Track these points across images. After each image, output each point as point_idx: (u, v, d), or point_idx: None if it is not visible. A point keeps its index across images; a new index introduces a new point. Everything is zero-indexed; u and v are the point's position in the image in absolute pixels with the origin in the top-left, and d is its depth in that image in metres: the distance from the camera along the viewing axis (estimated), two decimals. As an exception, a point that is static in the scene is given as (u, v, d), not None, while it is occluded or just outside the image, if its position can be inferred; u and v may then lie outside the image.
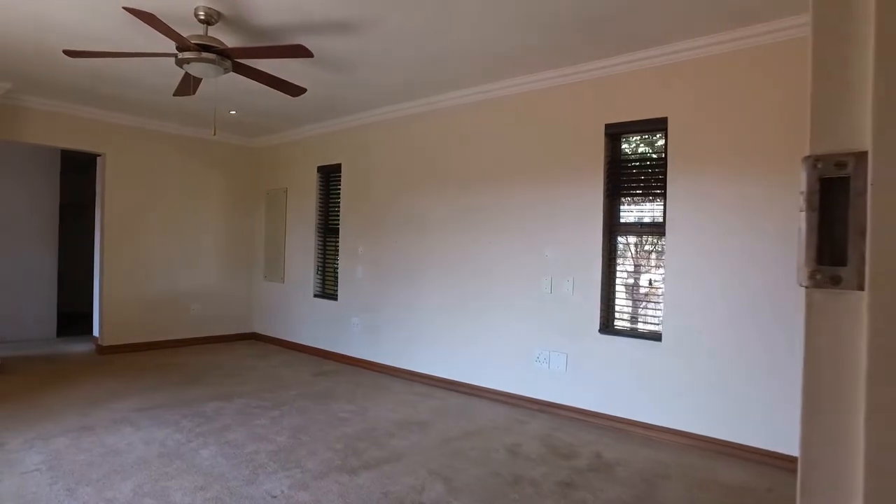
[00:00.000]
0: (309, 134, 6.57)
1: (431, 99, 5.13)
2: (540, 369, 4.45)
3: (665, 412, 3.79)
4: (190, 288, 6.84)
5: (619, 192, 4.17)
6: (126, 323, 6.31)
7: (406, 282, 5.46)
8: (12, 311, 6.60)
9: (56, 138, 5.82)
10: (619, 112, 4.05)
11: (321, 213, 6.53)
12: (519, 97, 4.62)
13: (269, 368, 5.72)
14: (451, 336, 5.06)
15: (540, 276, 4.46)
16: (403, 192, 5.51)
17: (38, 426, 3.77)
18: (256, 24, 3.52)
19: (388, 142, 5.69)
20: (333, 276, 6.36)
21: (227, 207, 7.19)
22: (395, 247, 5.57)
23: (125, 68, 4.49)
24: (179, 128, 6.63)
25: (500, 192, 4.74)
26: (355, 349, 5.95)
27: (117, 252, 6.25)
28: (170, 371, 5.47)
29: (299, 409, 4.29)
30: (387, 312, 5.63)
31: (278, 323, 7.01)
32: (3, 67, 4.66)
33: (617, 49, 3.85)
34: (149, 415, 4.05)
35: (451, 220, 5.08)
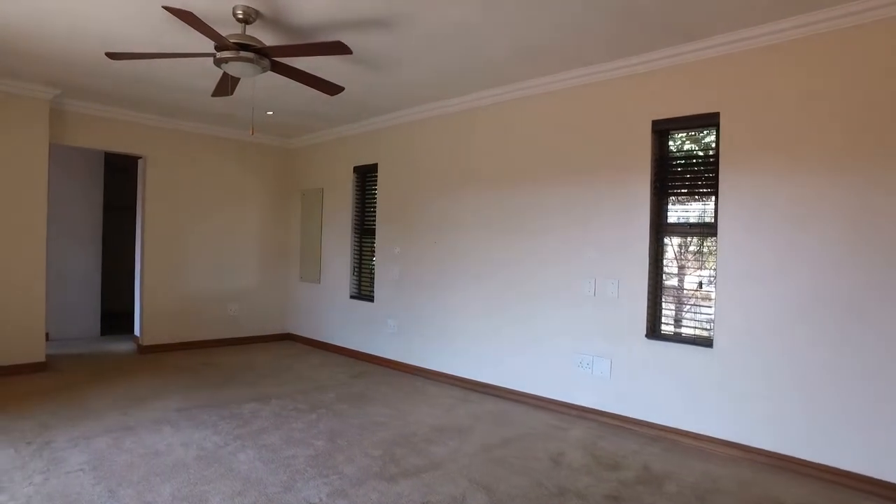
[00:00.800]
0: (345, 134, 6.54)
1: (470, 97, 5.02)
2: (582, 374, 4.30)
3: (716, 422, 3.60)
4: (227, 288, 6.89)
5: (667, 190, 3.99)
6: (165, 323, 6.38)
7: (443, 283, 5.37)
8: (59, 310, 6.75)
9: (99, 141, 5.92)
10: (668, 107, 3.88)
11: (357, 213, 6.49)
12: (561, 93, 4.47)
13: (304, 369, 5.70)
14: (489, 339, 4.95)
15: (582, 278, 4.31)
16: (441, 192, 5.42)
17: (82, 424, 3.80)
18: (294, 22, 3.47)
19: (424, 141, 5.60)
20: (369, 277, 6.32)
21: (263, 208, 7.23)
22: (432, 247, 5.49)
23: (164, 71, 4.51)
24: (217, 129, 6.68)
25: (541, 191, 4.60)
26: (391, 351, 5.88)
27: (157, 253, 6.33)
28: (207, 371, 5.49)
29: (336, 413, 4.23)
30: (423, 314, 5.55)
31: (314, 323, 7.01)
32: (53, 74, 4.75)
33: (665, 41, 3.68)
34: (187, 415, 4.06)
35: (491, 221, 4.97)
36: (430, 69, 4.34)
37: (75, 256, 6.91)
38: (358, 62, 4.18)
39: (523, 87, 4.63)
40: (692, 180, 3.95)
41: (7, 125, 5.08)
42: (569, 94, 4.43)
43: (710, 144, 3.86)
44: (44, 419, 3.91)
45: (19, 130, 5.14)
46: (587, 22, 3.39)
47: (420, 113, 5.53)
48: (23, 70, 4.67)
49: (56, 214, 6.69)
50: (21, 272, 5.19)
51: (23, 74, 4.81)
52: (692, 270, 3.93)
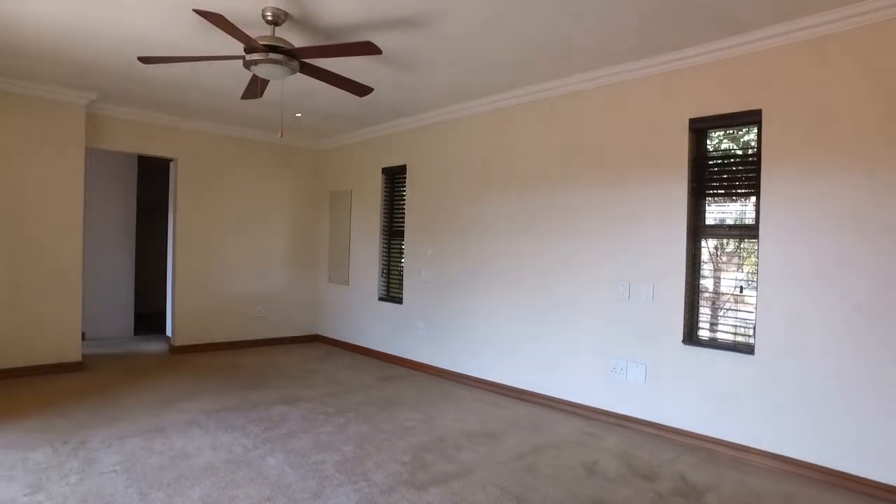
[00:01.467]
0: (373, 135, 6.52)
1: (501, 96, 4.95)
2: (616, 380, 4.19)
3: (757, 433, 3.46)
4: (256, 290, 6.94)
5: (704, 191, 3.85)
6: (196, 324, 6.45)
7: (473, 286, 5.30)
8: (94, 310, 6.89)
9: (132, 145, 6.01)
10: (705, 105, 3.74)
11: (386, 215, 6.47)
12: (595, 92, 4.37)
13: (332, 372, 5.70)
14: (520, 343, 4.86)
15: (617, 282, 4.19)
16: (471, 193, 5.35)
17: (116, 425, 3.85)
18: (323, 23, 3.44)
19: (455, 142, 5.55)
20: (398, 279, 6.28)
21: (292, 209, 7.26)
22: (461, 250, 5.43)
23: (195, 75, 4.55)
24: (247, 131, 6.73)
25: (574, 193, 4.50)
26: (420, 354, 5.84)
27: (187, 254, 6.40)
28: (236, 372, 5.53)
29: (364, 416, 4.20)
30: (452, 317, 5.49)
31: (342, 325, 7.01)
32: (89, 79, 4.83)
33: (705, 36, 3.55)
34: (216, 418, 4.07)
35: (522, 223, 4.88)
36: (461, 68, 4.28)
37: (110, 258, 7.04)
38: (387, 62, 4.14)
39: (555, 85, 4.53)
40: (731, 180, 3.80)
41: (45, 130, 5.19)
42: (602, 93, 4.32)
43: (750, 143, 3.71)
44: (80, 419, 3.97)
45: (57, 135, 5.25)
46: (621, 18, 3.29)
47: (450, 113, 5.47)
48: (60, 76, 4.75)
49: (92, 217, 6.82)
50: (58, 274, 5.29)
51: (60, 80, 4.90)
52: (731, 274, 3.79)
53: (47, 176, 5.21)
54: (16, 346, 5.09)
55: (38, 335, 5.20)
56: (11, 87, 4.97)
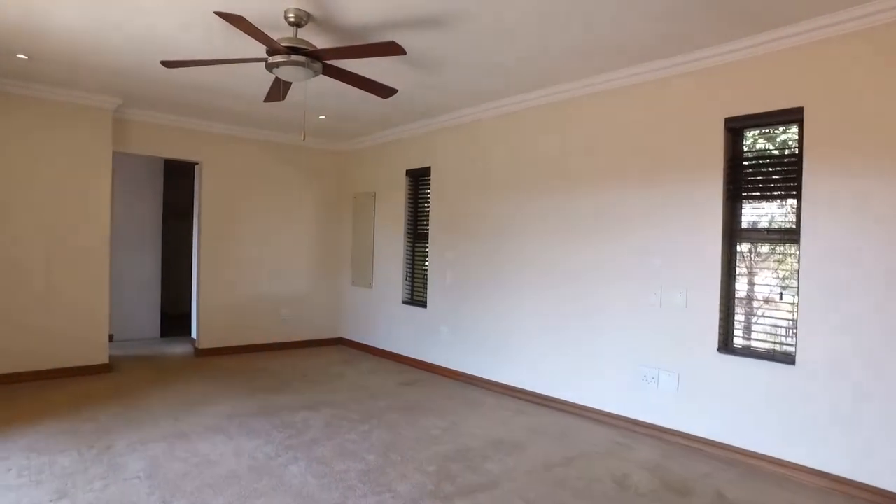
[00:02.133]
0: (397, 137, 6.46)
1: (527, 96, 4.84)
2: (647, 389, 4.05)
3: (799, 447, 3.29)
4: (280, 293, 6.93)
5: (740, 193, 3.70)
6: (221, 327, 6.47)
7: (498, 289, 5.20)
8: (122, 312, 6.95)
9: (158, 148, 6.05)
10: (743, 104, 3.59)
11: (410, 217, 6.40)
12: (625, 91, 4.23)
13: (356, 376, 5.64)
14: (547, 348, 4.74)
15: (648, 287, 4.06)
16: (498, 196, 5.25)
17: (140, 429, 3.84)
18: (346, 24, 3.38)
19: (479, 143, 5.45)
20: (422, 283, 6.21)
21: (315, 212, 7.24)
22: (487, 253, 5.33)
23: (219, 78, 4.53)
24: (270, 134, 6.72)
25: (602, 195, 4.37)
26: (444, 358, 5.76)
27: (212, 257, 6.42)
28: (260, 376, 5.51)
29: (388, 424, 4.13)
30: (478, 321, 5.40)
31: (365, 329, 6.96)
32: (116, 84, 4.85)
33: (742, 31, 3.39)
34: (239, 423, 4.04)
35: (549, 226, 4.76)
36: (486, 68, 4.18)
37: (137, 260, 7.11)
38: (411, 63, 4.07)
39: (583, 85, 4.41)
40: (769, 182, 3.64)
41: (73, 135, 5.24)
42: (633, 92, 4.18)
43: (786, 142, 3.54)
44: (106, 422, 3.98)
45: (84, 140, 5.29)
46: (655, 14, 3.16)
47: (475, 114, 5.38)
48: (88, 82, 4.79)
49: (119, 220, 6.89)
50: (87, 277, 5.34)
51: (88, 86, 4.93)
52: (769, 280, 3.63)
53: (76, 180, 5.26)
54: (46, 348, 5.14)
55: (67, 338, 5.25)
56: (40, 93, 5.02)
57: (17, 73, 4.63)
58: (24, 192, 5.03)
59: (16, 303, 5.01)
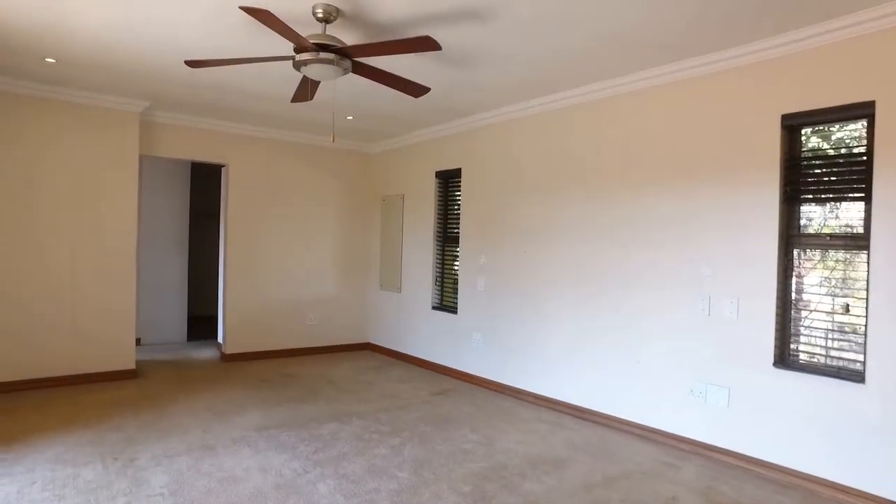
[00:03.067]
0: (426, 138, 6.29)
1: (565, 94, 4.62)
2: (694, 404, 3.80)
3: (871, 474, 3.01)
4: (307, 297, 6.82)
5: (799, 196, 3.42)
6: (247, 331, 6.38)
7: (533, 296, 4.98)
8: (149, 316, 6.94)
9: (185, 151, 5.97)
10: (802, 99, 3.32)
11: (440, 220, 6.22)
12: (670, 87, 3.99)
13: (385, 384, 5.48)
14: (586, 359, 4.52)
15: (695, 295, 3.80)
16: (531, 199, 5.04)
17: (165, 440, 3.74)
18: (377, 19, 3.21)
19: (513, 143, 5.24)
20: (452, 288, 6.03)
21: (343, 215, 7.11)
22: (521, 257, 5.12)
23: (245, 79, 4.42)
24: (297, 135, 6.61)
25: (644, 198, 4.13)
26: (476, 367, 5.56)
27: (238, 261, 6.33)
28: (287, 384, 5.38)
29: (420, 437, 3.95)
30: (512, 329, 5.19)
31: (394, 334, 6.80)
32: (141, 87, 4.78)
33: (802, 19, 3.13)
34: (266, 435, 3.90)
35: (588, 231, 4.54)
36: (523, 64, 3.98)
37: (164, 263, 7.07)
38: (444, 60, 3.89)
39: (624, 82, 4.18)
40: (831, 183, 3.36)
41: (101, 139, 5.18)
42: (679, 89, 3.94)
43: (850, 140, 3.26)
44: (131, 432, 3.89)
45: (112, 143, 5.24)
46: (708, 6, 2.92)
47: (509, 113, 5.17)
48: (114, 84, 4.72)
49: (146, 222, 6.87)
50: (114, 282, 5.28)
51: (115, 89, 4.87)
52: (833, 289, 3.35)
53: (103, 184, 5.21)
54: (74, 354, 5.10)
55: (94, 343, 5.20)
56: (68, 96, 4.98)
57: (47, 77, 4.58)
58: (52, 195, 4.99)
59: (44, 308, 4.97)
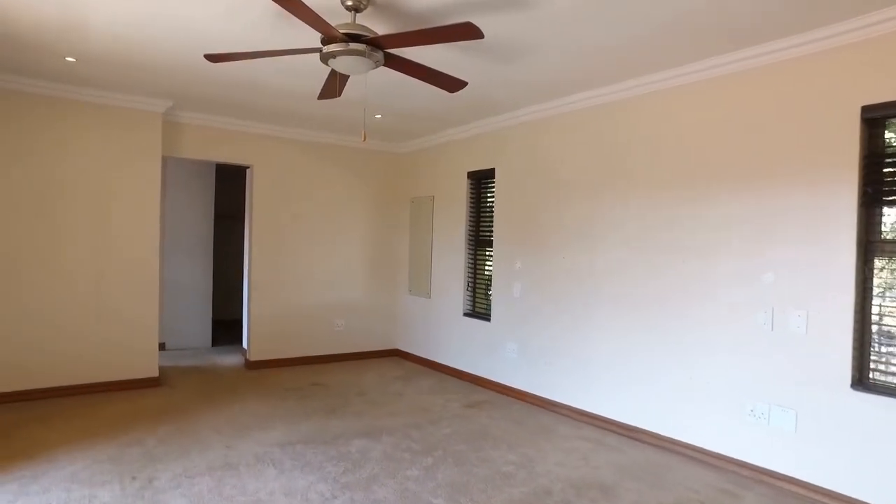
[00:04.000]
0: (458, 136, 6.01)
1: (612, 88, 4.30)
2: (755, 426, 3.46)
3: (968, 511, 2.66)
4: (333, 302, 6.60)
5: (881, 197, 3.06)
6: (272, 338, 6.18)
7: (574, 304, 4.67)
8: (174, 320, 6.81)
9: (209, 152, 5.80)
10: (885, 89, 2.96)
11: (472, 223, 5.94)
12: (730, 79, 3.65)
13: (416, 395, 5.23)
14: (631, 371, 4.20)
15: (755, 307, 3.46)
16: (571, 200, 4.73)
17: (186, 457, 3.54)
18: (410, 7, 2.95)
19: (551, 142, 4.94)
20: (485, 294, 5.75)
21: (370, 217, 6.88)
22: (560, 263, 4.81)
23: (270, 76, 4.20)
24: (323, 136, 6.40)
25: (700, 199, 3.80)
26: (511, 377, 5.27)
27: (263, 264, 6.15)
28: (314, 394, 5.16)
29: (454, 457, 3.68)
30: (549, 338, 4.89)
31: (424, 341, 6.55)
32: (163, 85, 4.62)
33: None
34: (292, 453, 3.68)
35: (633, 233, 4.22)
36: (566, 57, 3.68)
37: (189, 267, 6.94)
38: (479, 53, 3.61)
39: (679, 73, 3.85)
40: (918, 183, 2.99)
41: (122, 140, 5.03)
42: (740, 80, 3.60)
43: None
44: (151, 447, 3.71)
45: (135, 144, 5.09)
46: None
47: (548, 110, 4.87)
48: (136, 83, 4.55)
49: (170, 225, 6.74)
50: (136, 287, 5.13)
51: (137, 88, 4.70)
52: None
53: (125, 187, 5.06)
54: (96, 361, 4.96)
55: (116, 350, 5.05)
56: (89, 97, 4.84)
57: (68, 77, 4.44)
58: (73, 198, 4.86)
59: (65, 314, 4.84)
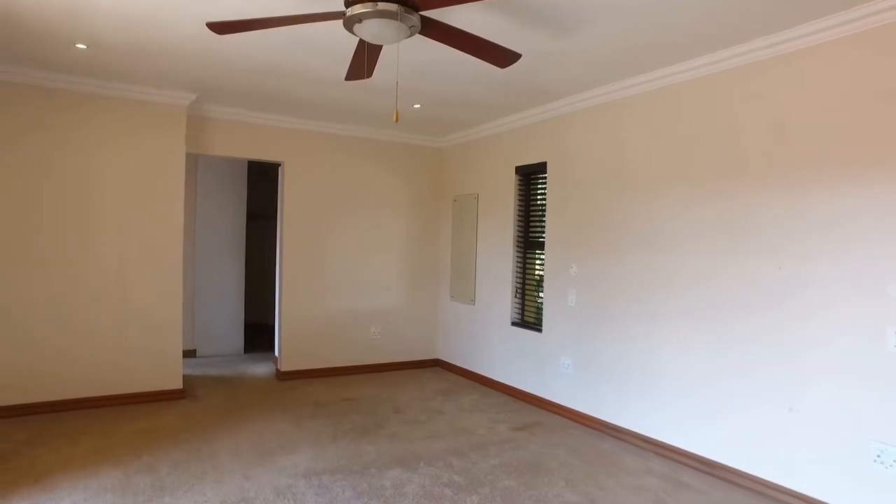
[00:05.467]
0: (505, 128, 5.46)
1: (689, 64, 3.68)
2: (883, 475, 2.79)
3: None
4: (370, 308, 6.14)
5: None
6: (304, 347, 5.76)
7: (642, 316, 4.05)
8: (206, 325, 6.53)
9: (238, 149, 5.42)
10: None
11: (520, 222, 5.38)
12: (830, 47, 2.98)
13: (458, 413, 4.70)
14: (713, 397, 3.56)
15: (877, 324, 2.79)
16: (639, 197, 4.11)
17: (198, 489, 3.13)
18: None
19: (613, 130, 4.34)
20: (535, 302, 5.18)
21: (409, 217, 6.39)
22: (623, 267, 4.20)
23: (296, 60, 3.75)
24: (358, 130, 5.94)
25: (800, 195, 3.14)
26: (565, 397, 4.68)
27: (296, 267, 5.73)
28: (346, 411, 4.70)
29: (504, 496, 3.14)
30: (611, 353, 4.28)
31: (467, 351, 6.02)
32: (185, 74, 4.24)
33: None
34: (317, 486, 3.20)
35: (717, 235, 3.58)
36: (638, 25, 3.08)
37: (221, 270, 6.62)
38: (532, 22, 3.05)
39: (779, 41, 3.20)
40: None
41: (144, 136, 4.69)
42: (844, 48, 2.93)
43: None
44: (162, 475, 3.30)
45: (156, 141, 4.74)
46: None
47: (611, 93, 4.27)
48: (154, 73, 4.16)
49: (201, 226, 6.43)
50: (159, 294, 4.78)
51: (155, 79, 4.33)
52: None
53: (148, 186, 4.71)
54: (115, 371, 4.63)
55: (137, 360, 4.71)
56: (105, 90, 4.50)
57: (83, 68, 4.09)
58: (92, 198, 4.53)
59: (80, 322, 4.51)
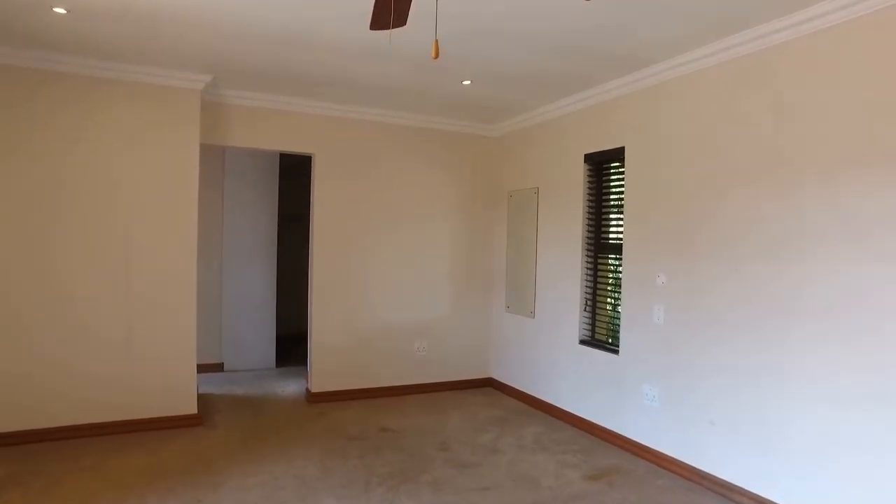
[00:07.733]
0: (570, 109, 4.61)
1: (815, 10, 2.76)
2: None
3: None
4: (412, 320, 5.38)
5: None
6: (338, 364, 5.06)
7: (757, 340, 3.12)
8: (235, 336, 6.01)
9: (262, 139, 4.78)
10: None
11: (591, 221, 4.50)
12: None
13: (517, 453, 3.87)
14: (864, 453, 2.61)
15: None
16: (750, 188, 3.18)
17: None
18: None
19: (707, 105, 3.44)
20: (610, 316, 4.31)
21: (459, 216, 5.59)
22: (726, 276, 3.29)
23: (314, 24, 3.03)
24: (398, 116, 5.20)
25: None
26: (650, 436, 3.79)
27: (329, 276, 5.04)
28: (383, 446, 3.94)
29: (585, 592, 2.31)
30: (712, 385, 3.37)
31: (525, 373, 5.17)
32: (202, 57, 3.64)
33: None
34: (338, 566, 2.45)
35: (866, 238, 2.63)
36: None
37: (250, 276, 6.05)
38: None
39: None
40: None
41: (151, 124, 4.10)
42: None
43: None
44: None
45: (165, 128, 4.14)
46: None
47: (710, 56, 3.37)
48: (157, 49, 3.54)
49: (229, 228, 5.88)
50: (170, 309, 4.17)
51: (161, 57, 3.73)
52: None
53: (158, 182, 4.11)
54: (120, 392, 4.04)
55: (145, 379, 4.11)
56: (104, 72, 3.93)
57: (70, 44, 3.50)
58: (94, 194, 3.96)
59: (77, 341, 3.94)
